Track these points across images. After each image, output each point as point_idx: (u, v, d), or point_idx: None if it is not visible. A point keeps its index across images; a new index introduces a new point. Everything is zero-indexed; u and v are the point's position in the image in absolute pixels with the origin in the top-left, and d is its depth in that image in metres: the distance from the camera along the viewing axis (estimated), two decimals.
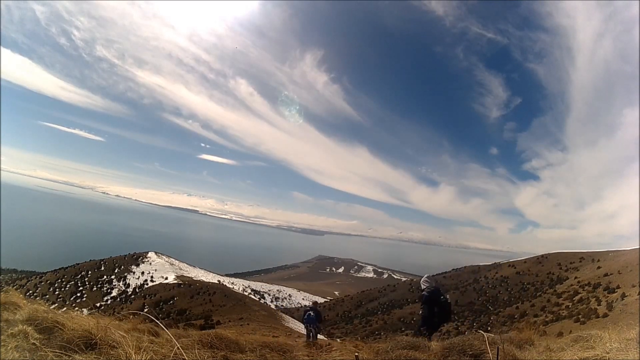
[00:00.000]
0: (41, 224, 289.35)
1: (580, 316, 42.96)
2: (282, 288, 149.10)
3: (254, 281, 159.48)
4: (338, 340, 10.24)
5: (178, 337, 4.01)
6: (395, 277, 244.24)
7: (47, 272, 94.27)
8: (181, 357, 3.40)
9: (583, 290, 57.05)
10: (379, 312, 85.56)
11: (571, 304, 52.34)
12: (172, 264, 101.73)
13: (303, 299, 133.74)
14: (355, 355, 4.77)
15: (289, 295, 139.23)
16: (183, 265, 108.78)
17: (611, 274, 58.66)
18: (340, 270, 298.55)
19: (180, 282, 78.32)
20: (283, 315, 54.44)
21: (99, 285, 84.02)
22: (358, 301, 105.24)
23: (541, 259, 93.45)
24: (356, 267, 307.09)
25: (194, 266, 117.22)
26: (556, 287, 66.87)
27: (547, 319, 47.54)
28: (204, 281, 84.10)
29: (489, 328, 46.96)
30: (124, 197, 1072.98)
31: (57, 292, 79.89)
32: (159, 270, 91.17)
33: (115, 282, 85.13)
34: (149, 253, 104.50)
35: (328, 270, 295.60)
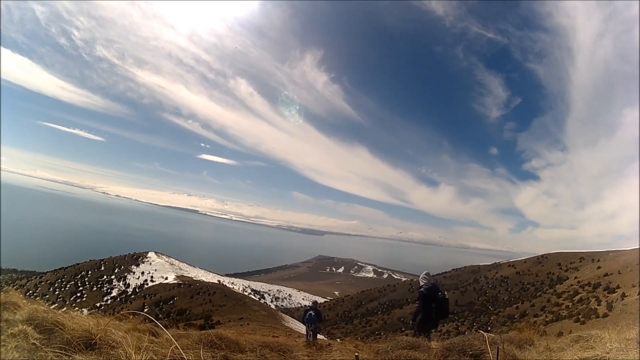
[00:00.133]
0: (41, 224, 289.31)
1: (580, 316, 42.94)
2: (282, 288, 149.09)
3: (254, 281, 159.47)
4: (338, 340, 10.24)
5: (178, 337, 4.01)
6: (395, 277, 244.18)
7: (47, 272, 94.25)
8: (181, 357, 3.40)
9: (583, 290, 57.02)
10: (379, 312, 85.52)
11: (571, 304, 52.31)
12: (172, 264, 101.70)
13: (303, 299, 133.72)
14: (355, 355, 4.77)
15: (289, 295, 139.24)
16: (183, 265, 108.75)
17: (611, 274, 58.63)
18: (340, 270, 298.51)
19: (180, 282, 78.28)
20: (283, 315, 54.41)
21: (99, 285, 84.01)
22: (358, 301, 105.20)
23: (541, 259, 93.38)
24: (356, 267, 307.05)
25: (194, 266, 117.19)
26: (556, 287, 66.84)
27: (547, 319, 47.51)
28: (204, 281, 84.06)
29: (489, 328, 46.93)
30: (124, 197, 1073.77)
31: (57, 292, 79.87)
32: (159, 270, 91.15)
33: (115, 282, 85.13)
34: (149, 253, 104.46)
35: (328, 270, 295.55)
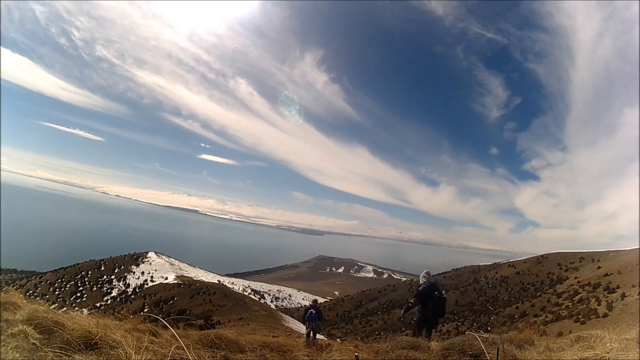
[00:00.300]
0: (41, 224, 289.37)
1: (580, 316, 42.92)
2: (282, 288, 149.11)
3: (254, 281, 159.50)
4: (338, 340, 10.24)
5: (178, 338, 4.01)
6: (395, 277, 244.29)
7: (47, 272, 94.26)
8: (181, 357, 3.40)
9: (583, 290, 57.01)
10: (379, 312, 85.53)
11: (571, 304, 52.30)
12: (172, 264, 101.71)
13: (303, 299, 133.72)
14: (355, 355, 4.76)
15: (289, 295, 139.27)
16: (183, 265, 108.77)
17: (611, 274, 58.61)
18: (340, 270, 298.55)
19: (180, 282, 78.28)
20: (283, 315, 54.41)
21: (99, 285, 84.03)
22: (358, 301, 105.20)
23: (541, 259, 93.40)
24: (356, 267, 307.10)
25: (194, 266, 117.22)
26: (556, 287, 66.85)
27: (547, 319, 47.50)
28: (204, 281, 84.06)
29: (489, 328, 46.95)
30: (124, 197, 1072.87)
31: (57, 292, 79.88)
32: (159, 270, 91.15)
33: (115, 282, 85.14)
34: (149, 253, 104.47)
35: (328, 270, 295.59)
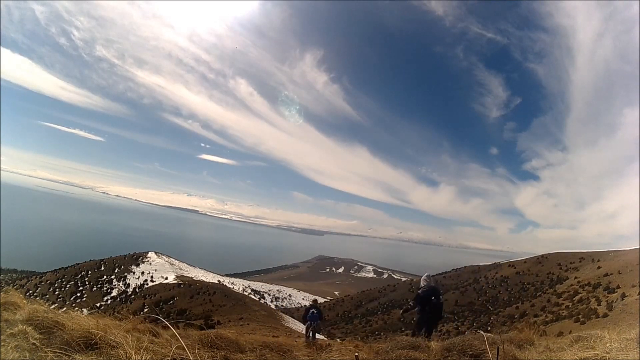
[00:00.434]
0: (41, 224, 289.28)
1: (580, 316, 42.90)
2: (282, 288, 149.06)
3: (254, 281, 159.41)
4: (338, 340, 10.24)
5: (178, 338, 4.01)
6: (395, 277, 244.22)
7: (47, 272, 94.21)
8: (182, 357, 3.40)
9: (583, 290, 56.98)
10: (379, 312, 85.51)
11: (571, 304, 52.28)
12: (172, 264, 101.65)
13: (303, 299, 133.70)
14: (355, 355, 4.76)
15: (289, 295, 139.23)
16: (183, 265, 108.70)
17: (611, 274, 58.56)
18: (340, 270, 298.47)
19: (180, 282, 78.24)
20: (283, 315, 54.42)
21: (99, 285, 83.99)
22: (358, 301, 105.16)
23: (541, 259, 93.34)
24: (356, 267, 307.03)
25: (194, 266, 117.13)
26: (556, 287, 66.80)
27: (547, 319, 47.48)
28: (204, 281, 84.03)
29: (489, 328, 46.93)
30: (124, 197, 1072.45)
31: (57, 292, 79.85)
32: (159, 270, 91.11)
33: (115, 282, 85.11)
34: (149, 253, 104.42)
35: (328, 270, 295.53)
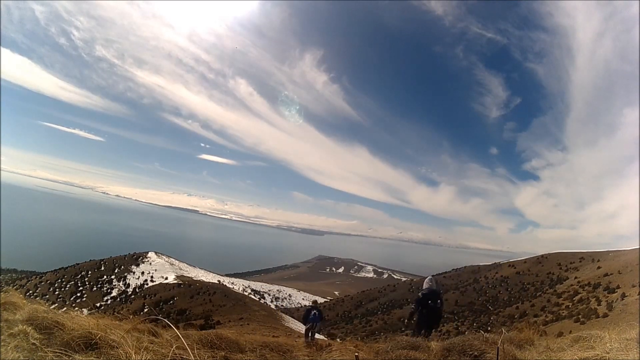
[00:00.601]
0: (41, 224, 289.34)
1: (580, 316, 42.87)
2: (282, 288, 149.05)
3: (254, 281, 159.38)
4: (338, 340, 10.23)
5: (178, 338, 4.01)
6: (395, 277, 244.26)
7: (47, 272, 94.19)
8: (181, 357, 3.40)
9: (583, 290, 56.95)
10: (379, 312, 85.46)
11: (571, 304, 52.25)
12: (172, 264, 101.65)
13: (303, 299, 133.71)
14: (355, 355, 4.76)
15: (289, 295, 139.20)
16: (183, 265, 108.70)
17: (611, 274, 58.55)
18: (340, 270, 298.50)
19: (180, 282, 78.24)
20: (283, 315, 54.37)
21: (99, 285, 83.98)
22: (358, 301, 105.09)
23: (541, 259, 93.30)
24: (356, 267, 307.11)
25: (194, 266, 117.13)
26: (556, 287, 66.78)
27: (547, 319, 47.45)
28: (204, 281, 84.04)
29: (489, 328, 46.92)
30: (124, 197, 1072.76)
31: (57, 292, 79.84)
32: (159, 270, 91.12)
33: (115, 282, 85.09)
34: (149, 253, 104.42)
35: (328, 270, 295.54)
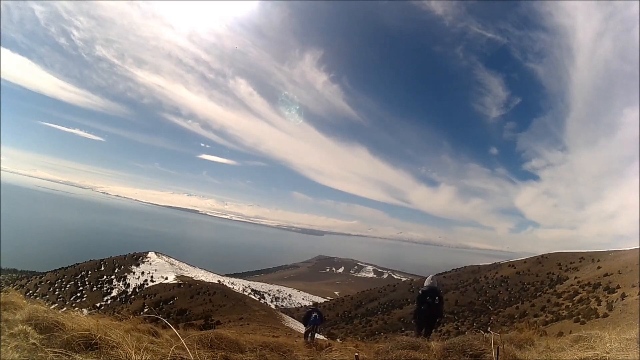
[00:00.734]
0: (41, 224, 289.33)
1: (580, 316, 42.85)
2: (282, 288, 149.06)
3: (254, 281, 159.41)
4: (338, 340, 10.24)
5: (178, 338, 4.01)
6: (395, 277, 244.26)
7: (47, 272, 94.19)
8: (181, 357, 3.40)
9: (583, 290, 56.94)
10: (379, 312, 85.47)
11: (571, 304, 52.24)
12: (172, 264, 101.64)
13: (303, 299, 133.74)
14: (355, 355, 4.76)
15: (289, 295, 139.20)
16: (183, 265, 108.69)
17: (611, 274, 58.54)
18: (340, 270, 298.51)
19: (180, 282, 78.23)
20: (283, 315, 54.36)
21: (99, 285, 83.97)
22: (358, 301, 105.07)
23: (541, 259, 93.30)
24: (356, 267, 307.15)
25: (194, 266, 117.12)
26: (556, 287, 66.77)
27: (547, 319, 47.43)
28: (204, 281, 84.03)
29: (489, 328, 46.84)
30: (124, 197, 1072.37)
31: (57, 292, 79.84)
32: (159, 270, 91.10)
33: (115, 282, 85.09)
34: (149, 253, 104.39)
35: (328, 270, 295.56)
